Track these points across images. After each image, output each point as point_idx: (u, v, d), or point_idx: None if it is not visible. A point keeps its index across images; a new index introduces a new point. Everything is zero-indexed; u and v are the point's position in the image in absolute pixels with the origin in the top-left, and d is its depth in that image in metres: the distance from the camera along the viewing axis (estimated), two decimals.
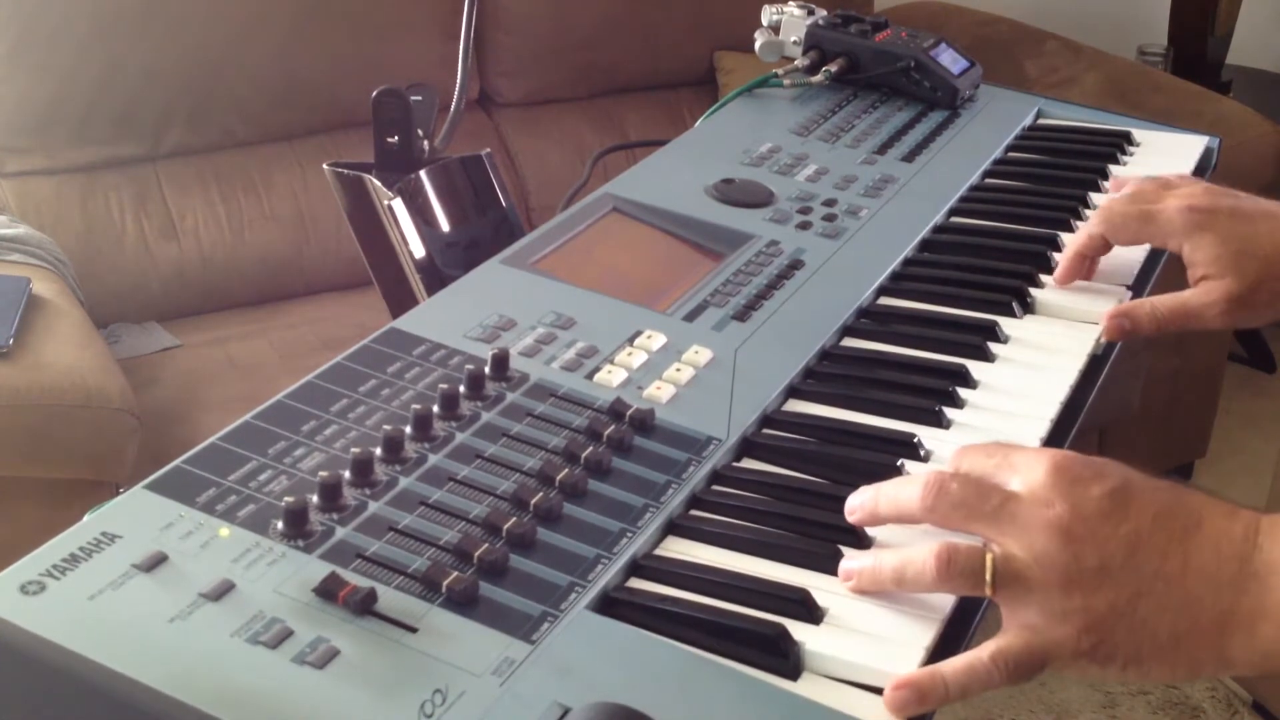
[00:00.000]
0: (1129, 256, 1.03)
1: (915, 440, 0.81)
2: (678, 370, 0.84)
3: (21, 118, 2.24)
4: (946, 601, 0.68)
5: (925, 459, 0.80)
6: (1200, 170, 1.24)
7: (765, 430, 0.83)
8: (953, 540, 0.67)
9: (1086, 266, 0.99)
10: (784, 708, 0.62)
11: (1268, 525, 0.65)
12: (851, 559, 0.70)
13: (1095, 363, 0.93)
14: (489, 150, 1.23)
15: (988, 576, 0.65)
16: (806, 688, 0.63)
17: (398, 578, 0.65)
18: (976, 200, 1.15)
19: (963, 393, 0.87)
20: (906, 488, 0.70)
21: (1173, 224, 0.95)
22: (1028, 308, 0.98)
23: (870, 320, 0.96)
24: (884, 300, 0.99)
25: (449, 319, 0.87)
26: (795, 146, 1.19)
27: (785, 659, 0.64)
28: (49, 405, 1.77)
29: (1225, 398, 2.67)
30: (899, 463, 0.78)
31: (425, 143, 1.20)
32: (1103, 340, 0.94)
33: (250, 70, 2.38)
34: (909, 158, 1.19)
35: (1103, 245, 0.99)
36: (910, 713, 0.62)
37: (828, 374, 0.89)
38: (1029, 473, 0.67)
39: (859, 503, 0.72)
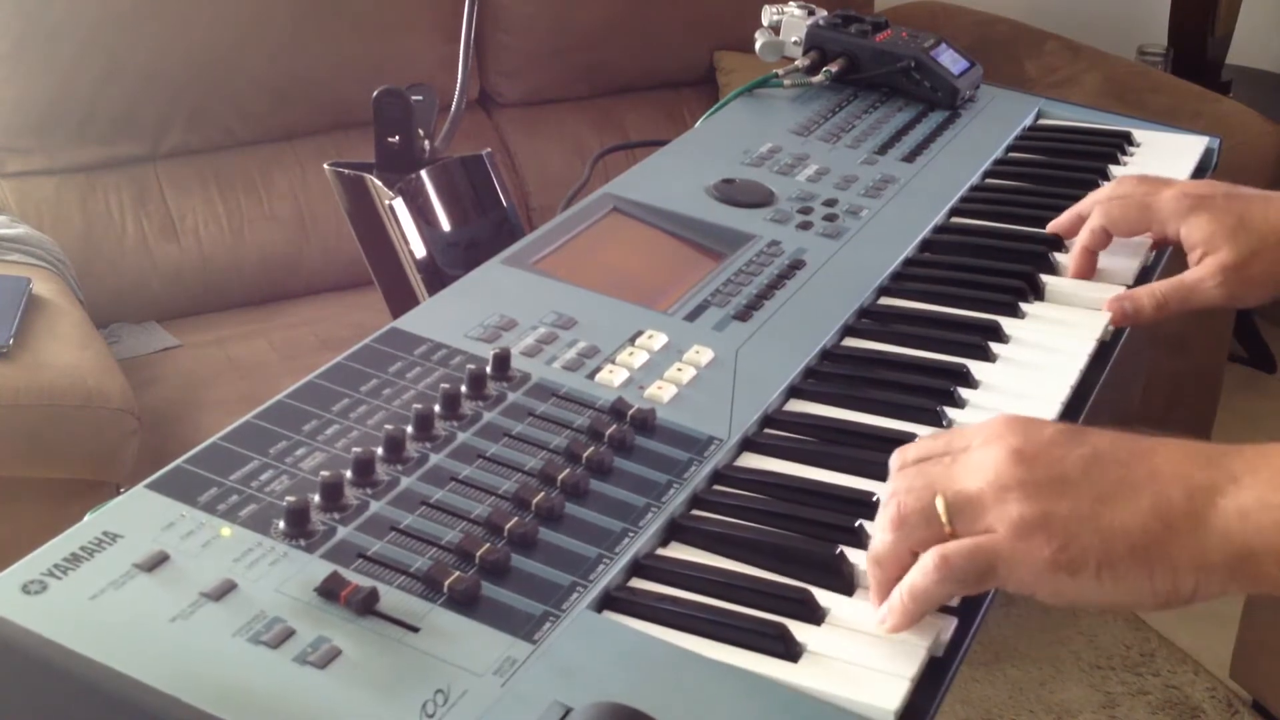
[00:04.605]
0: (1130, 257, 1.03)
1: (916, 440, 0.81)
2: (679, 370, 0.84)
3: (22, 118, 2.24)
4: (951, 603, 0.68)
5: None
6: (1200, 170, 1.24)
7: (766, 430, 0.83)
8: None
9: (1093, 262, 1.02)
10: (785, 707, 0.62)
11: (1253, 446, 0.65)
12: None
13: (1095, 364, 0.93)
14: (489, 150, 1.23)
15: (941, 513, 0.65)
16: (807, 681, 0.63)
17: (399, 577, 0.65)
18: (977, 200, 1.15)
19: (963, 393, 0.87)
20: (878, 526, 0.68)
21: (1168, 209, 0.98)
22: (1028, 308, 0.98)
23: (871, 320, 0.96)
24: (885, 300, 0.99)
25: (450, 319, 0.87)
26: (795, 146, 1.19)
27: (786, 659, 0.64)
28: (49, 405, 1.77)
29: (1225, 398, 2.68)
30: None
31: (426, 143, 1.20)
32: (1110, 327, 0.94)
33: (250, 70, 2.38)
34: (909, 158, 1.19)
35: (1105, 238, 1.01)
36: (892, 626, 0.65)
37: (829, 374, 0.89)
38: (981, 430, 0.69)
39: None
